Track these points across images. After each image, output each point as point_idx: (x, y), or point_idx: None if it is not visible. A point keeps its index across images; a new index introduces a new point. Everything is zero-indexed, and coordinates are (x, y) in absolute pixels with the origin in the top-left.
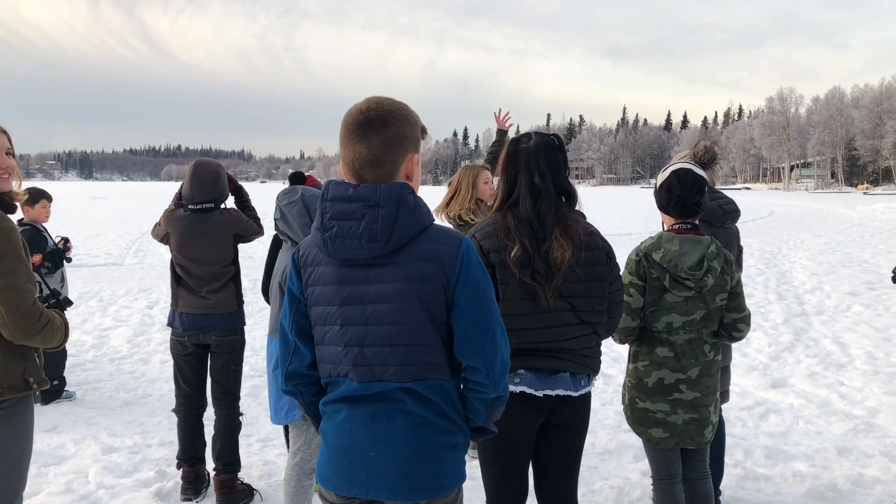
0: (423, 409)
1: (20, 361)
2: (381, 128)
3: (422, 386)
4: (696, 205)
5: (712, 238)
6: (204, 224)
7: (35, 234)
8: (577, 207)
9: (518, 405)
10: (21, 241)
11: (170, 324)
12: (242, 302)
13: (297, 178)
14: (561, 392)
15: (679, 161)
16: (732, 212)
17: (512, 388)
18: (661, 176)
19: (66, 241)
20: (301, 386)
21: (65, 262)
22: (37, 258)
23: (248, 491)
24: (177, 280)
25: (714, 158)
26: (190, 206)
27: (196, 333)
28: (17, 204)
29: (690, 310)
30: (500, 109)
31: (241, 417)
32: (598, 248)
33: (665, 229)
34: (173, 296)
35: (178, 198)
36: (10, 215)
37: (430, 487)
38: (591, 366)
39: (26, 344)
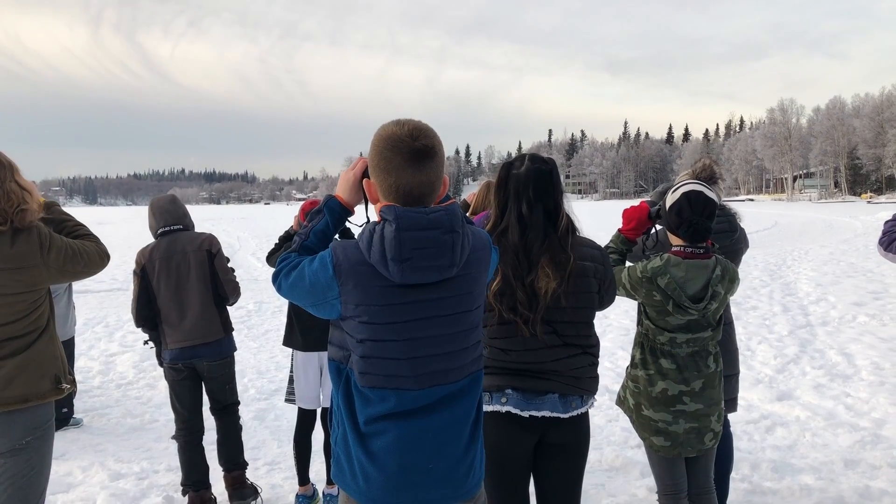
0: (470, 404)
1: (52, 367)
2: (436, 156)
3: (469, 380)
4: (706, 230)
5: (717, 259)
6: (178, 244)
7: None
8: (576, 230)
9: (506, 425)
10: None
11: (159, 357)
12: (231, 329)
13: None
14: (547, 413)
15: (686, 181)
16: (722, 232)
17: (498, 407)
18: (671, 197)
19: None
20: None
21: None
22: None
23: (254, 490)
24: (155, 326)
25: (713, 176)
26: (160, 232)
27: (188, 361)
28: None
29: (694, 329)
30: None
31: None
32: (587, 275)
33: (672, 250)
34: (161, 338)
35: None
36: None
37: (473, 485)
38: (583, 387)
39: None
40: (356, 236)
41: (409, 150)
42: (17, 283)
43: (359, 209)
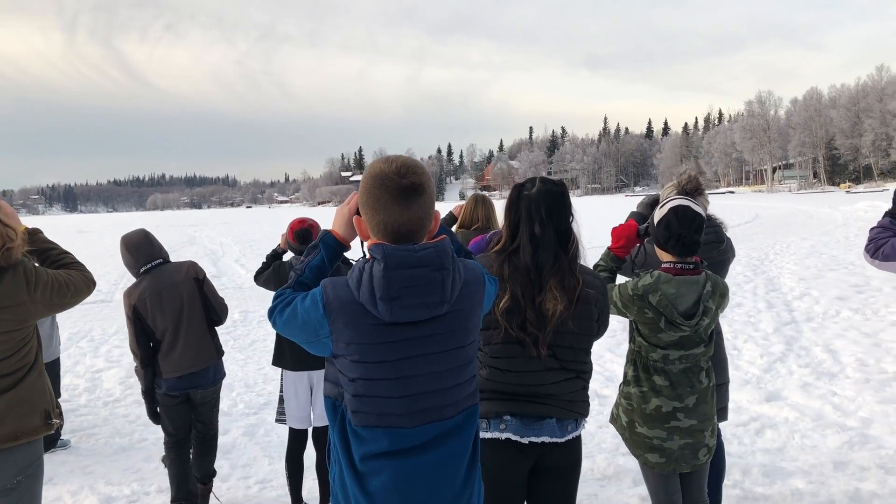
0: (466, 439)
1: (42, 402)
2: (424, 192)
3: (464, 415)
4: (695, 244)
5: (707, 275)
6: (164, 277)
7: None
8: (579, 257)
9: (505, 452)
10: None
11: (157, 386)
12: (222, 352)
13: (304, 237)
14: (546, 439)
15: (673, 197)
16: (709, 243)
17: (497, 434)
18: (659, 213)
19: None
20: None
21: None
22: None
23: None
24: (150, 356)
25: (699, 188)
26: (142, 271)
27: (185, 391)
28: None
29: (687, 345)
30: None
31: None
32: (590, 302)
33: (662, 267)
34: (157, 368)
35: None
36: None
37: None
38: (578, 410)
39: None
40: (347, 274)
41: (396, 188)
42: (6, 322)
43: (355, 244)
